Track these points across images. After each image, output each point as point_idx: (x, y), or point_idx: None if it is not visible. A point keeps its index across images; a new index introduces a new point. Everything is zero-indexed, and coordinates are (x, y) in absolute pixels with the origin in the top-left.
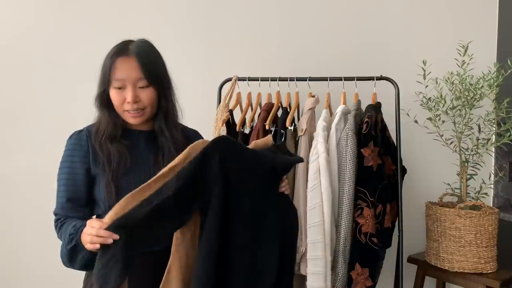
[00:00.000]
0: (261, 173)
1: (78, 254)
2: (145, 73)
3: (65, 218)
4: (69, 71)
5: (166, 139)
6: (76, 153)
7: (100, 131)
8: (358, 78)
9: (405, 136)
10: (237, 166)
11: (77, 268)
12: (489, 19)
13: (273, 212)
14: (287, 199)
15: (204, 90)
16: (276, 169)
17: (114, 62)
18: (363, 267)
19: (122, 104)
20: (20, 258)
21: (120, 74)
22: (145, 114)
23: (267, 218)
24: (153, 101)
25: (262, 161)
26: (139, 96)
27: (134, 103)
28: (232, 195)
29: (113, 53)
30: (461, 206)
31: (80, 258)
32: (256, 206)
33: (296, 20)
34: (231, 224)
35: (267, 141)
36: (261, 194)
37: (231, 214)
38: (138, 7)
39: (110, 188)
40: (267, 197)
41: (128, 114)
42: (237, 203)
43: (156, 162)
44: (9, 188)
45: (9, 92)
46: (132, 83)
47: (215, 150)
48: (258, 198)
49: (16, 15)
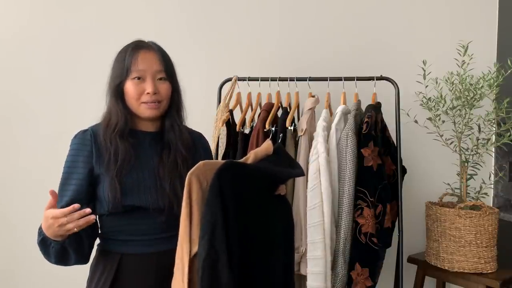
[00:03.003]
0: (264, 186)
1: (48, 248)
2: (164, 66)
3: None
4: (69, 71)
5: (175, 136)
6: (80, 153)
7: (112, 124)
8: (358, 78)
9: (405, 136)
10: (244, 187)
11: (53, 262)
12: (489, 19)
13: (276, 217)
14: (284, 200)
15: (204, 90)
16: (277, 181)
17: (136, 54)
18: (363, 267)
19: (140, 96)
20: (21, 258)
21: (142, 65)
22: (161, 107)
23: (273, 225)
24: (169, 95)
25: (264, 177)
26: (158, 87)
27: (153, 94)
28: (244, 212)
29: (132, 46)
30: (461, 206)
31: (53, 252)
32: (264, 216)
33: (296, 20)
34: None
35: (267, 150)
36: (265, 204)
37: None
38: (138, 7)
39: (114, 185)
40: (270, 205)
41: (146, 106)
42: (248, 219)
43: (161, 162)
44: (10, 188)
45: (9, 92)
46: (152, 75)
47: (224, 180)
48: (264, 208)
49: (15, 15)
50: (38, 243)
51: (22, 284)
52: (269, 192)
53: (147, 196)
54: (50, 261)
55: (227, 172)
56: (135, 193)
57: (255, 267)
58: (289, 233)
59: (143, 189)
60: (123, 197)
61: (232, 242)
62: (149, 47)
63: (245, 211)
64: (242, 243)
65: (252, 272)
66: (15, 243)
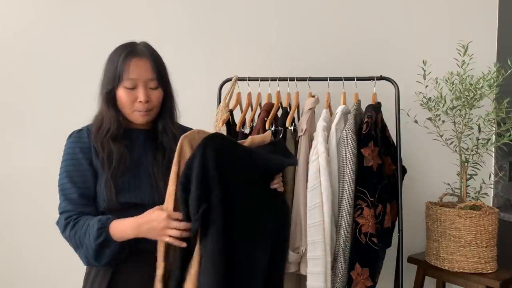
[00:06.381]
0: (254, 171)
1: (106, 249)
2: (156, 75)
3: (78, 215)
4: (69, 71)
5: (169, 138)
6: (78, 150)
7: (103, 129)
8: (358, 78)
9: (405, 136)
10: (231, 165)
11: (102, 264)
12: (489, 19)
13: (266, 210)
14: (279, 197)
15: (204, 90)
16: (270, 169)
17: (127, 62)
18: (363, 267)
19: (132, 104)
20: (21, 258)
21: (133, 74)
22: (152, 113)
23: (261, 216)
24: (160, 102)
25: (255, 160)
26: (150, 96)
27: (145, 102)
28: (229, 194)
29: (124, 53)
30: (461, 206)
31: (109, 253)
32: (250, 204)
33: (297, 20)
34: (229, 223)
35: (265, 137)
36: (255, 192)
37: (229, 213)
38: (138, 7)
39: (109, 186)
40: (260, 195)
41: (137, 113)
42: (234, 202)
43: (154, 160)
44: (10, 188)
45: (9, 92)
46: (144, 83)
47: (209, 147)
48: (252, 196)
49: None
50: (94, 244)
51: (23, 284)
52: (262, 181)
53: (143, 193)
54: (95, 263)
55: (212, 142)
56: (131, 190)
57: (235, 252)
58: (282, 232)
59: (138, 186)
60: (119, 195)
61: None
62: (142, 54)
63: (228, 186)
64: (226, 217)
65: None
66: (16, 243)
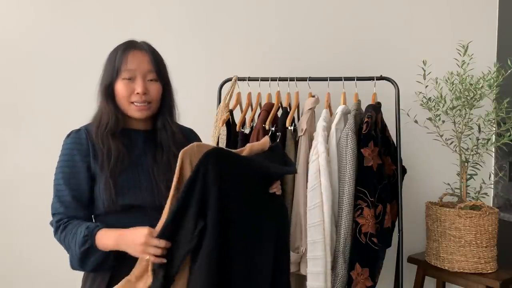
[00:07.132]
0: (255, 178)
1: (91, 257)
2: (155, 67)
3: (69, 218)
4: (69, 71)
5: (168, 136)
6: (76, 152)
7: (102, 124)
8: (358, 78)
9: (405, 136)
10: (231, 175)
11: (87, 271)
12: (489, 19)
13: (267, 214)
14: (278, 200)
15: (204, 90)
16: (269, 177)
17: (126, 54)
18: (363, 267)
19: (130, 96)
20: (21, 258)
21: (132, 64)
22: (151, 108)
23: (262, 221)
24: (159, 96)
25: (255, 169)
26: (148, 88)
27: (143, 94)
28: (228, 201)
29: (123, 47)
30: (461, 206)
31: (93, 260)
32: (251, 210)
33: (297, 20)
34: (228, 230)
35: (263, 145)
36: (255, 198)
37: (228, 220)
38: (138, 7)
39: (108, 186)
40: (261, 200)
41: (135, 107)
42: (233, 209)
43: (155, 162)
44: (10, 188)
45: (9, 92)
46: (142, 75)
47: (209, 164)
48: (253, 202)
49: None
50: (79, 250)
51: (22, 284)
52: (262, 188)
53: (144, 194)
54: (80, 269)
55: (212, 157)
56: (131, 192)
57: (236, 259)
58: (283, 235)
59: (139, 188)
60: (118, 196)
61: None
62: (140, 47)
63: (229, 200)
64: (223, 232)
65: (233, 265)
66: (16, 243)
